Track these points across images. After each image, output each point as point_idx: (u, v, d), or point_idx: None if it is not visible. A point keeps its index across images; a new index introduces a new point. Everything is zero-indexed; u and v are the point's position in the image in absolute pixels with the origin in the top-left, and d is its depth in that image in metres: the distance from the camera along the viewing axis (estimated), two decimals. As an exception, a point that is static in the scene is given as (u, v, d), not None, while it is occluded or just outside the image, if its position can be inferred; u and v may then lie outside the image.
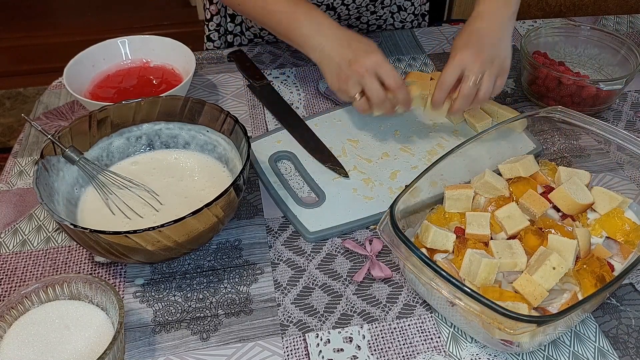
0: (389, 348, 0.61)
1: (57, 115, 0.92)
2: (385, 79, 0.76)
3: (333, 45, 0.78)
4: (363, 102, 0.78)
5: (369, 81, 0.76)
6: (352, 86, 0.77)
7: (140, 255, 0.62)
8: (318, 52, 0.79)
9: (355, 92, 0.77)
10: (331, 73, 0.79)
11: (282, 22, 0.82)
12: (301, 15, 0.81)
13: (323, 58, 0.79)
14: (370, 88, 0.76)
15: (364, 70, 0.75)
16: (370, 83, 0.76)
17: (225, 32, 1.11)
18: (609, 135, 0.71)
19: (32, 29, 2.75)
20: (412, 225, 0.68)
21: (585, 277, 0.60)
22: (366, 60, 0.76)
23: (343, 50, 0.77)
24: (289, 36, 0.83)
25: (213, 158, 0.77)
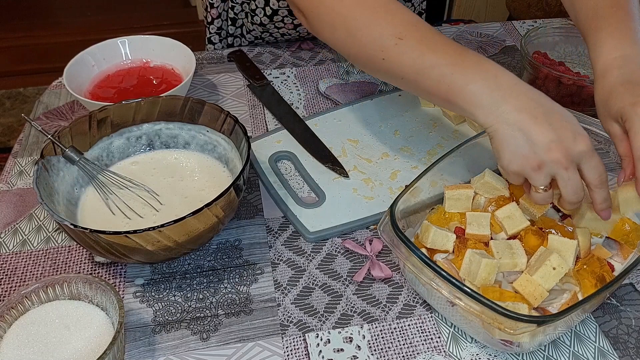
0: (389, 348, 0.61)
1: (57, 115, 0.92)
2: (590, 174, 0.59)
3: (522, 112, 0.58)
4: (547, 196, 0.60)
5: (572, 172, 0.57)
6: (543, 176, 0.58)
7: (140, 255, 0.62)
8: (495, 117, 0.58)
9: (544, 184, 0.59)
10: (514, 150, 0.58)
11: (443, 78, 0.61)
12: (470, 67, 0.61)
13: (504, 128, 0.58)
14: (567, 183, 0.58)
15: (569, 161, 0.57)
16: (572, 174, 0.58)
17: (226, 35, 1.11)
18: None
19: (32, 29, 2.75)
20: (412, 225, 0.68)
21: (585, 277, 0.60)
22: (574, 148, 0.57)
23: (539, 125, 0.57)
24: (450, 97, 0.62)
25: (213, 158, 0.77)
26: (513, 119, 0.58)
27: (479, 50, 1.06)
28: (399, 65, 0.64)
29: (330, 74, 0.99)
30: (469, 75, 0.60)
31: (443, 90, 0.62)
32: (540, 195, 0.60)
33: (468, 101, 0.60)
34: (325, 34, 0.70)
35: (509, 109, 0.58)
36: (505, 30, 1.12)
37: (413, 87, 0.66)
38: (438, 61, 0.62)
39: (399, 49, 0.64)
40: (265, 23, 1.01)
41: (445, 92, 0.62)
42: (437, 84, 0.62)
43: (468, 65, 0.61)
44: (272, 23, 1.01)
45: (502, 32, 1.12)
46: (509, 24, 1.15)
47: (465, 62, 0.61)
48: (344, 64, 1.02)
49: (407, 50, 0.63)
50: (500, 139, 0.59)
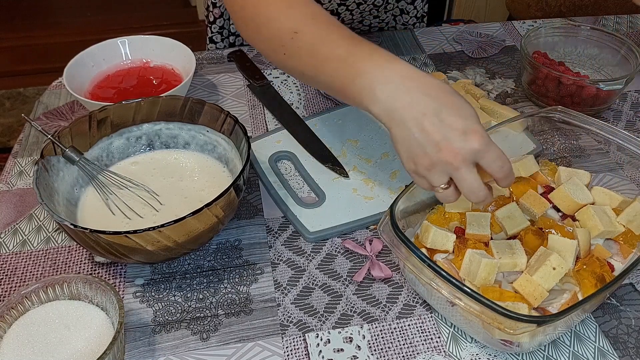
0: (389, 348, 0.61)
1: (57, 115, 0.92)
2: (490, 168, 0.55)
3: (413, 109, 0.55)
4: (450, 193, 0.57)
5: (464, 172, 0.54)
6: (437, 176, 0.56)
7: (140, 255, 0.62)
8: (387, 115, 0.57)
9: (440, 184, 0.56)
10: (407, 149, 0.57)
11: (336, 72, 0.60)
12: (361, 59, 0.58)
13: (393, 122, 0.57)
14: (461, 184, 0.55)
15: (459, 161, 0.54)
16: (465, 174, 0.55)
17: (228, 34, 1.11)
18: (609, 135, 0.71)
19: (32, 29, 2.75)
20: (412, 225, 0.68)
21: (585, 277, 0.60)
22: (465, 146, 0.54)
23: (428, 124, 0.54)
24: (346, 92, 0.60)
25: (213, 158, 0.77)
26: (403, 117, 0.55)
27: (478, 50, 1.06)
28: (298, 60, 0.63)
29: (330, 74, 0.99)
30: (361, 67, 0.58)
31: (338, 85, 0.60)
32: (441, 194, 0.57)
33: (363, 96, 0.58)
34: (241, 31, 0.71)
35: (399, 106, 0.55)
36: (505, 30, 1.12)
37: (314, 82, 0.65)
38: (331, 54, 0.60)
39: (296, 44, 0.62)
40: None
41: (341, 87, 0.60)
42: (331, 78, 0.61)
43: (360, 57, 0.58)
44: None
45: (502, 32, 1.12)
46: (509, 24, 1.15)
47: (357, 54, 0.58)
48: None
49: (303, 45, 0.62)
50: (394, 139, 0.57)
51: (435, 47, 1.06)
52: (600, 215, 0.65)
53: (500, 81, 0.98)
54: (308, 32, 0.62)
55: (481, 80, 0.98)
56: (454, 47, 1.07)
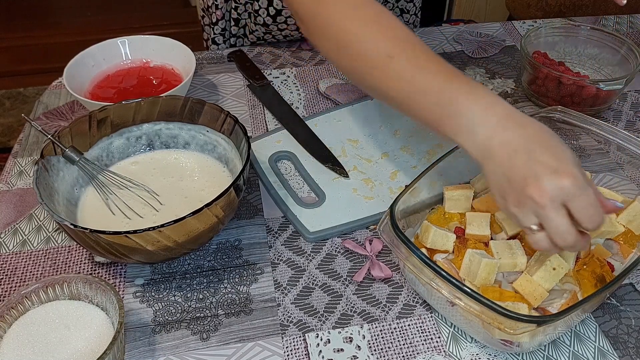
0: (389, 348, 0.61)
1: (57, 115, 0.92)
2: (578, 215, 0.51)
3: (504, 142, 0.53)
4: (543, 238, 0.53)
5: (552, 215, 0.51)
6: (524, 215, 0.53)
7: (140, 255, 0.62)
8: (479, 149, 0.55)
9: (529, 224, 0.53)
10: (497, 185, 0.54)
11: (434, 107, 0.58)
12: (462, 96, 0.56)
13: (486, 159, 0.55)
14: (550, 221, 0.51)
15: (545, 200, 0.51)
16: (551, 214, 0.51)
17: (229, 36, 1.11)
18: (609, 135, 0.71)
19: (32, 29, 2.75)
20: (412, 225, 0.68)
21: (585, 277, 0.60)
22: (550, 185, 0.50)
23: (518, 159, 0.52)
24: (441, 127, 0.58)
25: (213, 158, 0.77)
26: (495, 154, 0.54)
27: (478, 50, 1.06)
28: (389, 85, 0.62)
29: (330, 74, 0.99)
30: (460, 106, 0.56)
31: (432, 119, 0.59)
32: (534, 237, 0.53)
33: (458, 133, 0.57)
34: (319, 44, 0.68)
35: (494, 144, 0.54)
36: (505, 30, 1.12)
37: (404, 109, 0.62)
38: (429, 86, 0.59)
39: (389, 68, 0.61)
40: (268, 23, 1.01)
41: (435, 121, 0.59)
42: (426, 112, 0.59)
43: (459, 94, 0.57)
44: (275, 24, 1.01)
45: (502, 32, 1.12)
46: (509, 24, 1.15)
47: (456, 91, 0.57)
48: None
49: (398, 70, 0.60)
50: (487, 175, 0.56)
51: (435, 47, 1.06)
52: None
53: (500, 81, 0.98)
54: (403, 57, 0.60)
55: (481, 80, 0.98)
56: (454, 47, 1.07)
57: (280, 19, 1.00)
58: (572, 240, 0.52)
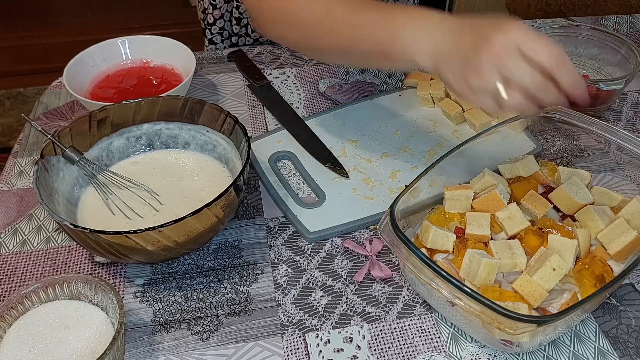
0: (389, 348, 0.61)
1: (57, 115, 0.92)
2: (534, 53, 0.52)
3: (448, 38, 0.56)
4: (517, 97, 0.53)
5: (512, 62, 0.52)
6: (489, 77, 0.53)
7: (140, 255, 0.62)
8: (431, 54, 0.58)
9: (495, 83, 0.53)
10: (455, 75, 0.56)
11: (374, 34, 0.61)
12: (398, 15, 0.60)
13: (440, 59, 0.57)
14: (515, 71, 0.52)
15: (501, 50, 0.52)
16: (514, 65, 0.52)
17: (229, 35, 1.11)
18: (609, 135, 0.71)
19: (32, 29, 2.74)
20: (412, 225, 0.68)
21: (585, 277, 0.60)
22: (500, 38, 0.52)
23: (463, 38, 0.55)
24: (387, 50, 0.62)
25: (213, 158, 0.77)
26: (443, 47, 0.57)
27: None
28: (334, 36, 0.66)
29: (330, 74, 0.99)
30: (398, 23, 0.60)
31: (378, 48, 0.62)
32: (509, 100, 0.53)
33: (406, 48, 0.60)
34: (269, 29, 0.75)
35: (443, 43, 0.57)
36: (505, 30, 1.12)
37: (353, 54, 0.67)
38: (366, 20, 0.62)
39: (329, 20, 0.66)
40: None
41: (381, 48, 0.62)
42: (370, 43, 0.63)
43: (395, 14, 0.61)
44: None
45: (502, 32, 1.12)
46: (509, 24, 1.14)
47: (392, 13, 0.61)
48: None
49: (336, 20, 0.66)
50: (443, 73, 0.58)
51: (435, 47, 1.06)
52: (601, 215, 0.65)
53: (500, 81, 0.98)
54: (339, 7, 0.66)
55: (481, 80, 0.98)
56: (454, 47, 1.06)
57: None
58: (540, 81, 0.52)
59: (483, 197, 0.68)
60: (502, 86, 0.53)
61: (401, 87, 0.96)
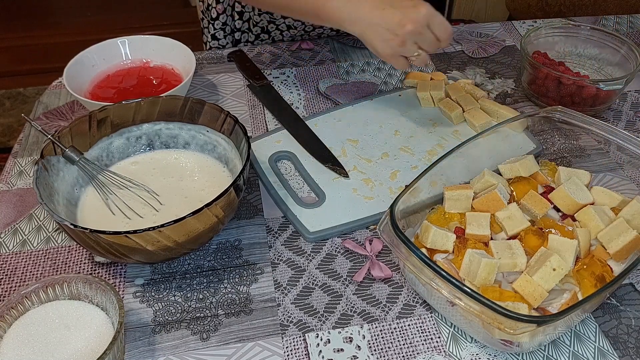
0: (389, 348, 0.61)
1: (57, 115, 0.92)
2: (438, 31, 0.73)
3: (373, 10, 0.73)
4: (424, 57, 0.76)
5: (427, 35, 0.73)
6: (410, 47, 0.74)
7: (140, 255, 0.62)
8: (358, 24, 0.74)
9: (414, 52, 0.75)
10: (381, 42, 0.74)
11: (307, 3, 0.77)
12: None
13: (366, 28, 0.74)
14: (426, 42, 0.74)
15: (420, 27, 0.72)
16: (427, 37, 0.73)
17: (231, 31, 1.11)
18: (609, 135, 0.71)
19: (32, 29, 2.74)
20: (412, 225, 0.68)
21: (585, 277, 0.60)
22: (418, 16, 0.72)
23: (387, 13, 0.72)
24: (319, 15, 0.77)
25: (213, 158, 0.77)
26: (369, 19, 0.72)
27: (479, 50, 1.06)
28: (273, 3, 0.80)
29: (330, 74, 0.99)
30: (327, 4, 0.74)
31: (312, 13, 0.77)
32: (419, 59, 0.76)
33: (333, 17, 0.75)
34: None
35: (368, 14, 0.72)
36: (505, 30, 1.12)
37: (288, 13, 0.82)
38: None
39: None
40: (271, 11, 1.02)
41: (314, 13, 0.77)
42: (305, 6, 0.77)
43: None
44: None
45: (502, 32, 1.12)
46: (509, 24, 1.15)
47: None
48: (344, 64, 1.02)
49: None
50: (369, 39, 0.74)
51: (435, 47, 1.06)
52: (601, 215, 0.65)
53: (500, 81, 0.98)
54: None
55: (481, 80, 0.98)
56: (454, 47, 1.07)
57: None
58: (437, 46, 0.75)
59: (483, 197, 0.68)
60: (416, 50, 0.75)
61: (401, 87, 0.96)
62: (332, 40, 1.08)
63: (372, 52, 0.76)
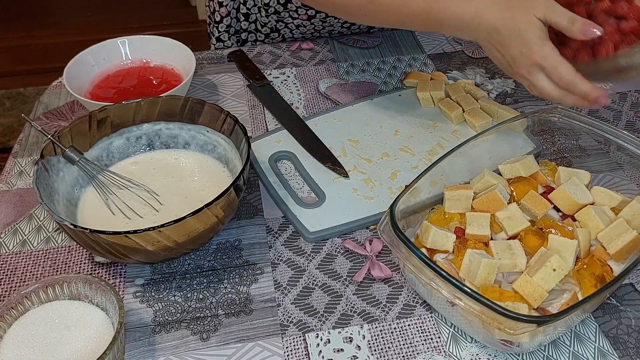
0: (389, 348, 0.61)
1: (57, 115, 0.92)
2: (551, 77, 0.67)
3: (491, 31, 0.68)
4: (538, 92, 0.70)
5: (535, 79, 0.68)
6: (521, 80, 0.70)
7: (140, 255, 0.62)
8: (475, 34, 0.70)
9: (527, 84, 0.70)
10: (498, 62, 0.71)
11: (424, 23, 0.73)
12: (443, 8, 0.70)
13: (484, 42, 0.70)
14: (537, 85, 0.68)
15: (525, 73, 0.68)
16: (536, 81, 0.68)
17: (236, 32, 1.11)
18: (609, 135, 0.71)
19: (32, 29, 2.75)
20: (412, 225, 0.68)
21: (585, 277, 0.60)
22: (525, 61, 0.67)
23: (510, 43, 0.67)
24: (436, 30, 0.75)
25: (213, 158, 0.77)
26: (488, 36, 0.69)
27: (478, 50, 1.06)
28: (380, 19, 0.77)
29: (330, 74, 0.99)
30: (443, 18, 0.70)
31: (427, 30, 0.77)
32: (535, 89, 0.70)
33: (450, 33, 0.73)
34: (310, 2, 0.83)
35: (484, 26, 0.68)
36: (505, 30, 1.12)
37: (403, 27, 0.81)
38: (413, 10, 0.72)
39: (374, 8, 0.74)
40: (279, 11, 1.02)
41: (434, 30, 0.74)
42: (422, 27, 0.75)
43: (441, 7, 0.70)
44: (287, 11, 1.02)
45: (502, 32, 1.12)
46: (509, 24, 1.14)
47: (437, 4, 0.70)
48: (344, 64, 1.02)
49: (382, 7, 0.74)
50: (486, 50, 0.71)
51: (435, 47, 1.06)
52: (601, 215, 0.65)
53: (500, 81, 0.98)
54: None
55: (481, 80, 0.98)
56: (454, 47, 1.07)
57: (291, 7, 1.01)
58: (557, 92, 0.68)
59: (483, 197, 0.68)
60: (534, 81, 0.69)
61: (401, 87, 0.96)
62: (332, 40, 1.08)
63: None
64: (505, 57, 0.69)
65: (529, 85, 0.69)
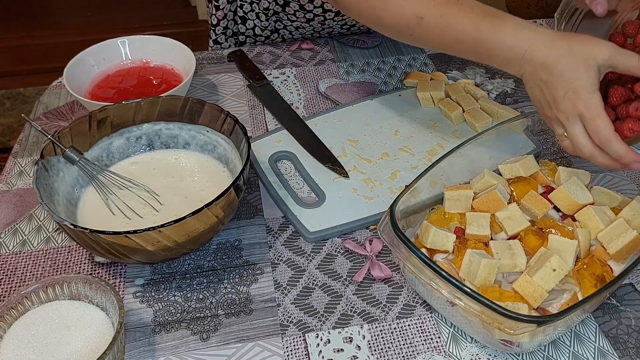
0: (389, 348, 0.61)
1: (57, 115, 0.92)
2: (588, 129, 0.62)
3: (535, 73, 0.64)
4: (568, 144, 0.65)
5: (571, 128, 0.63)
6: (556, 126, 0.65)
7: (140, 256, 0.62)
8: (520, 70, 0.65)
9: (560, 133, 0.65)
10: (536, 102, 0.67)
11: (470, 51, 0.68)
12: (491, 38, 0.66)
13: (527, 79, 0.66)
14: (571, 134, 0.63)
15: (564, 118, 0.63)
16: (572, 130, 0.63)
17: (233, 34, 1.10)
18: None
19: (32, 29, 2.74)
20: (412, 225, 0.68)
21: (585, 277, 0.60)
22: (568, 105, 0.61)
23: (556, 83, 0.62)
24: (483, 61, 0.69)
25: (213, 158, 0.77)
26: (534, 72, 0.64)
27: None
28: (427, 41, 0.71)
29: (330, 74, 0.99)
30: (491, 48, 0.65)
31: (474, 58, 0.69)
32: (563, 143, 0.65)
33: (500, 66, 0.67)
34: (355, 16, 0.76)
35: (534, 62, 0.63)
36: (505, 30, 1.12)
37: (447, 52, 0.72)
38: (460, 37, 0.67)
39: (422, 28, 0.69)
40: (278, 11, 1.02)
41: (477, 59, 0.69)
42: (466, 55, 0.70)
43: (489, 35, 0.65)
44: (285, 14, 1.02)
45: (502, 32, 1.12)
46: (509, 24, 1.14)
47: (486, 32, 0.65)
48: (344, 64, 1.02)
49: (430, 29, 0.68)
50: (527, 86, 0.66)
51: (435, 47, 1.06)
52: (601, 215, 0.65)
53: (500, 81, 0.98)
54: (433, 15, 0.68)
55: (481, 80, 0.98)
56: (454, 47, 1.06)
57: (289, 10, 1.01)
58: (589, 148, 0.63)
59: (483, 197, 0.68)
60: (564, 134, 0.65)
61: (401, 87, 0.96)
62: (332, 40, 1.08)
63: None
64: (546, 97, 0.64)
65: (561, 134, 0.65)
